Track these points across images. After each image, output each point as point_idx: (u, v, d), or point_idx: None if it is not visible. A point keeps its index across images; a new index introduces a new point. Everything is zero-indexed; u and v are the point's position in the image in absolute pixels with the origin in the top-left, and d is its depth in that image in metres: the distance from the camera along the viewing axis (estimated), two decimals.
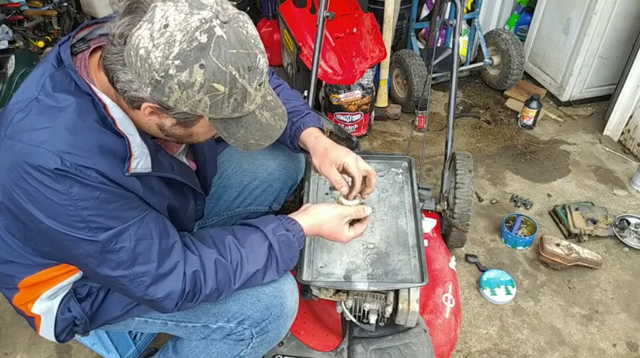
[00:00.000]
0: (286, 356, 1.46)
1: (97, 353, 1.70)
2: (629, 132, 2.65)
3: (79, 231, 0.92)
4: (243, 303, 1.18)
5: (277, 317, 1.20)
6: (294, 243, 1.16)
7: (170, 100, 0.86)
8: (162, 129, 0.98)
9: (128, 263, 0.97)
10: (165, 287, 1.01)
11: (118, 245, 0.95)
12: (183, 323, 1.24)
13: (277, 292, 1.19)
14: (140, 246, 0.97)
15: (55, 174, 0.87)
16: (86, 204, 0.90)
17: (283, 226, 1.16)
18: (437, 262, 1.78)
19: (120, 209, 0.95)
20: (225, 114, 0.91)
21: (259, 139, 1.00)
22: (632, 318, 1.89)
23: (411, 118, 2.85)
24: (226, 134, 0.96)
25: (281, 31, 2.92)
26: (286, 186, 1.60)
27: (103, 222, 0.93)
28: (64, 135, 0.88)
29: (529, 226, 2.18)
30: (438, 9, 2.78)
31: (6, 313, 1.84)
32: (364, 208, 1.26)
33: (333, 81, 2.42)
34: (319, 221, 1.21)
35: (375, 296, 1.42)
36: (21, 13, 3.26)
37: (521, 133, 2.80)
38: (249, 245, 1.11)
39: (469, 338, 1.81)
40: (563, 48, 2.81)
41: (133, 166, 0.95)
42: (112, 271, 0.98)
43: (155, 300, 1.02)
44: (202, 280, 1.05)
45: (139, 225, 0.97)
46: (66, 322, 1.17)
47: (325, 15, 1.91)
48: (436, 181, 2.43)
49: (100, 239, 0.93)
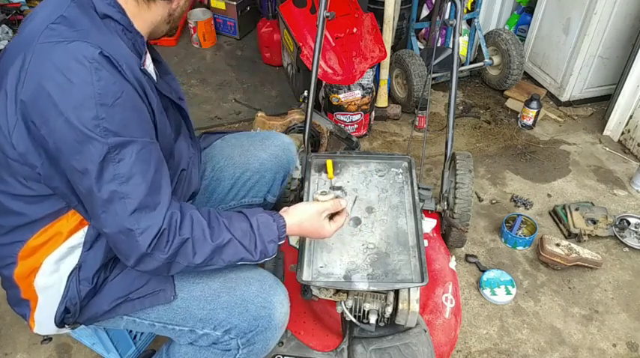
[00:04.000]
0: (286, 356, 1.46)
1: (97, 353, 1.70)
2: (629, 132, 2.65)
3: (91, 129, 0.95)
4: (230, 312, 1.18)
5: (265, 328, 1.19)
6: (274, 226, 1.17)
7: None
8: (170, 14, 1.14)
9: (123, 178, 0.99)
10: (147, 218, 1.02)
11: (120, 155, 0.98)
12: (171, 326, 1.23)
13: (266, 303, 1.19)
14: (138, 165, 1.00)
15: (91, 63, 0.94)
16: (108, 100, 0.95)
17: (264, 211, 1.20)
18: (437, 262, 1.78)
19: (132, 121, 1.00)
20: None
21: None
22: (632, 318, 1.89)
23: (411, 118, 2.85)
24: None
25: (281, 31, 2.92)
26: (279, 176, 1.61)
27: (114, 125, 0.96)
28: (98, 35, 0.98)
29: (529, 226, 2.18)
30: (438, 9, 2.78)
31: (6, 313, 1.84)
32: (340, 201, 1.31)
33: (333, 81, 2.42)
34: (299, 219, 1.23)
35: (375, 296, 1.42)
36: (21, 13, 3.26)
37: (521, 133, 2.80)
38: (229, 218, 1.14)
39: (469, 338, 1.81)
40: (563, 48, 2.81)
41: (147, 64, 1.10)
42: (107, 184, 0.98)
43: (133, 231, 1.01)
44: (178, 224, 1.05)
45: (142, 146, 1.01)
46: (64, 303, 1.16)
47: (325, 15, 1.91)
48: (436, 181, 2.43)
49: (108, 141, 0.96)
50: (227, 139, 1.59)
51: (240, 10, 3.45)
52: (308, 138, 1.96)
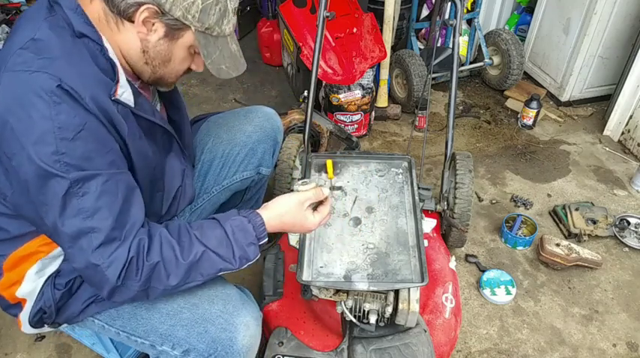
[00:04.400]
0: (286, 356, 1.46)
1: (96, 353, 1.70)
2: (629, 132, 2.65)
3: (51, 165, 0.92)
4: (189, 331, 1.12)
5: (225, 353, 1.11)
6: (249, 227, 1.10)
7: (168, 2, 0.96)
8: (145, 51, 1.04)
9: (88, 212, 0.96)
10: (113, 252, 0.98)
11: (83, 189, 0.95)
12: (133, 338, 1.20)
13: (227, 325, 1.12)
14: (103, 198, 0.97)
15: (49, 96, 0.91)
16: (67, 135, 0.92)
17: (238, 213, 1.14)
18: (437, 262, 1.78)
19: (96, 153, 0.96)
20: (209, 25, 1.02)
21: (229, 67, 1.10)
22: (632, 318, 1.89)
23: (411, 118, 2.85)
24: (205, 52, 1.05)
25: (281, 31, 2.92)
26: (268, 146, 1.60)
27: (76, 159, 0.94)
28: (62, 64, 0.94)
29: (529, 226, 2.18)
30: (438, 9, 2.78)
31: (6, 313, 1.84)
32: (322, 189, 1.23)
33: (333, 81, 2.42)
34: (278, 213, 1.16)
35: (375, 296, 1.42)
36: (21, 13, 3.26)
37: (521, 133, 2.80)
38: (200, 228, 1.09)
39: (469, 338, 1.81)
40: (563, 48, 2.81)
41: (119, 92, 1.01)
42: (70, 218, 0.96)
43: (100, 266, 0.98)
44: (145, 249, 1.01)
45: (108, 178, 0.98)
46: (38, 305, 1.17)
47: (325, 15, 1.91)
48: (436, 181, 2.43)
49: (69, 176, 0.93)
50: (213, 120, 1.59)
51: (240, 10, 3.45)
52: (308, 138, 1.96)
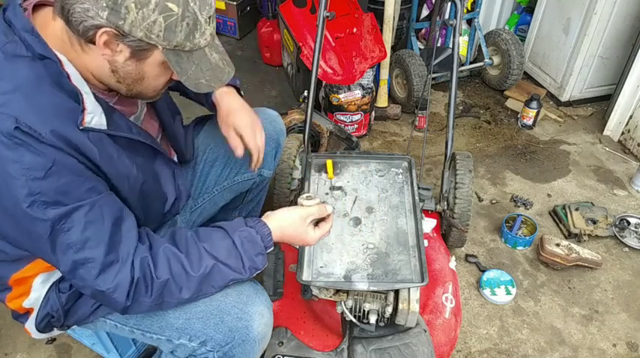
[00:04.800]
0: (286, 356, 1.46)
1: (97, 353, 1.70)
2: (629, 132, 2.65)
3: (29, 206, 0.89)
4: (206, 323, 1.13)
5: (242, 341, 1.13)
6: (257, 238, 1.11)
7: (126, 23, 0.88)
8: (114, 71, 0.97)
9: (78, 245, 0.95)
10: (115, 276, 0.98)
11: (67, 224, 0.93)
12: (149, 334, 1.21)
13: (243, 314, 1.13)
14: (90, 228, 0.95)
15: (10, 139, 0.86)
16: (38, 174, 0.88)
17: (245, 223, 1.14)
18: (437, 262, 1.78)
19: (71, 185, 0.93)
20: (177, 42, 0.93)
21: (210, 80, 1.01)
22: (632, 318, 1.89)
23: (411, 118, 2.85)
24: (179, 69, 0.97)
25: (281, 31, 2.92)
26: (270, 148, 1.58)
27: (53, 196, 0.90)
28: (19, 99, 0.88)
29: (529, 226, 2.18)
30: (438, 9, 2.78)
31: (6, 313, 1.84)
32: (326, 206, 1.24)
33: (333, 81, 2.42)
34: (281, 225, 1.17)
35: (375, 296, 1.42)
36: None
37: (521, 133, 2.80)
38: (209, 239, 1.09)
39: (469, 338, 1.81)
40: (563, 48, 2.81)
41: (87, 120, 0.95)
42: (63, 254, 0.95)
43: (105, 291, 0.99)
44: (151, 267, 1.01)
45: (90, 207, 0.95)
46: (44, 311, 1.17)
47: (325, 15, 1.91)
48: (436, 181, 2.43)
49: (48, 217, 0.91)
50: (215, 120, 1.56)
51: (240, 10, 3.45)
52: (308, 138, 1.96)
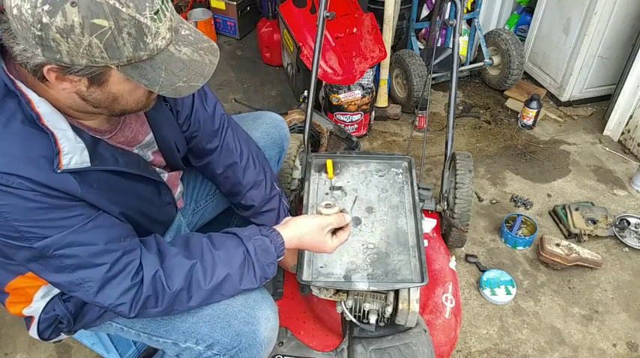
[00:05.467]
0: (286, 356, 1.46)
1: (97, 353, 1.70)
2: (629, 132, 2.65)
3: (13, 240, 0.88)
4: (213, 326, 1.13)
5: (249, 345, 1.13)
6: (271, 248, 1.13)
7: (63, 55, 0.79)
8: (85, 99, 0.90)
9: (72, 268, 0.93)
10: (114, 292, 0.97)
11: (58, 251, 0.91)
12: (155, 337, 1.21)
13: (250, 318, 1.14)
14: (84, 252, 0.93)
15: None
16: (16, 216, 0.85)
17: (260, 232, 1.14)
18: (437, 262, 1.78)
19: (57, 219, 0.90)
20: (128, 56, 0.81)
21: (189, 80, 0.88)
22: (632, 318, 1.89)
23: (411, 118, 2.85)
24: (146, 82, 0.85)
25: (281, 31, 2.92)
26: (274, 153, 1.58)
27: (38, 232, 0.88)
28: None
29: (529, 226, 2.18)
30: (438, 9, 2.78)
31: (6, 313, 1.83)
32: (344, 216, 1.26)
33: (333, 81, 2.42)
34: (299, 233, 1.19)
35: (375, 296, 1.42)
36: None
37: (521, 133, 2.80)
38: (224, 248, 1.09)
39: (469, 338, 1.81)
40: (563, 48, 2.81)
41: (65, 163, 0.88)
42: (56, 275, 0.94)
43: (107, 307, 0.98)
44: (164, 280, 1.01)
45: (80, 232, 0.92)
46: (49, 321, 1.17)
47: (325, 15, 1.91)
48: (436, 181, 2.43)
49: (35, 246, 0.89)
50: None
51: (240, 10, 3.45)
52: (308, 138, 1.96)
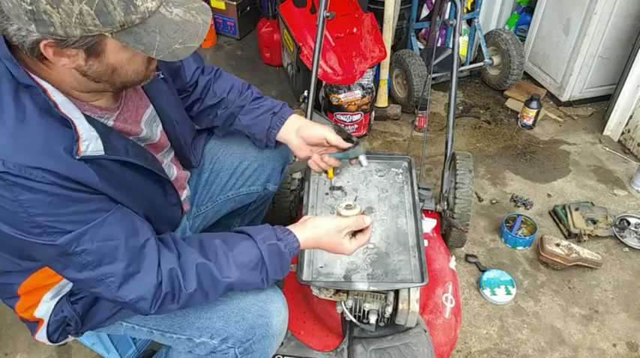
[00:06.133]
0: (286, 356, 1.46)
1: (97, 353, 1.70)
2: (629, 132, 2.65)
3: (35, 236, 0.89)
4: (227, 321, 1.15)
5: (262, 337, 1.16)
6: (285, 253, 1.12)
7: (57, 27, 0.79)
8: (85, 75, 0.90)
9: (94, 264, 0.94)
10: (137, 287, 0.98)
11: (80, 247, 0.92)
12: (169, 334, 1.22)
13: (263, 312, 1.16)
14: (105, 247, 0.94)
15: (2, 181, 0.83)
16: (39, 211, 0.86)
17: (276, 235, 1.14)
18: (437, 262, 1.78)
19: (77, 212, 0.90)
20: (120, 21, 0.81)
21: (184, 41, 0.88)
22: (632, 318, 1.89)
23: (411, 118, 2.85)
24: (142, 47, 0.85)
25: (281, 31, 2.92)
26: (278, 163, 1.57)
27: (60, 226, 0.89)
28: (6, 138, 0.85)
29: (529, 226, 2.18)
30: (438, 9, 2.78)
31: (6, 313, 1.84)
32: (364, 218, 1.22)
33: (333, 81, 2.42)
34: (316, 234, 1.18)
35: (375, 296, 1.42)
36: None
37: (521, 133, 2.80)
38: (238, 250, 1.09)
39: (469, 338, 1.81)
40: (563, 48, 2.81)
41: (83, 149, 0.90)
42: (79, 273, 0.95)
43: (128, 302, 0.99)
44: (181, 279, 1.02)
45: (101, 226, 0.93)
46: (57, 323, 1.17)
47: (325, 15, 1.91)
48: (436, 181, 2.43)
49: (58, 243, 0.89)
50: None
51: (240, 10, 3.45)
52: None
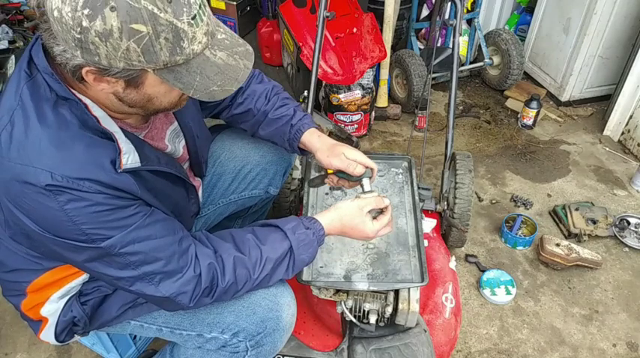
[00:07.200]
0: (286, 356, 1.46)
1: (97, 353, 1.70)
2: (629, 132, 2.65)
3: (80, 242, 0.92)
4: (238, 315, 1.17)
5: (273, 330, 1.18)
6: (314, 241, 1.15)
7: (101, 58, 0.81)
8: (121, 100, 0.92)
9: (136, 263, 0.97)
10: (177, 283, 1.01)
11: (123, 249, 0.95)
12: (178, 331, 1.23)
13: (273, 305, 1.18)
14: (146, 246, 0.97)
15: (47, 191, 0.86)
16: (84, 219, 0.90)
17: (303, 224, 1.15)
18: (437, 262, 1.78)
19: (119, 219, 0.94)
20: (164, 60, 0.83)
21: (223, 84, 0.91)
22: (632, 318, 1.89)
23: (411, 118, 2.85)
24: (181, 85, 0.88)
25: (281, 31, 2.92)
26: (280, 168, 1.58)
27: (103, 233, 0.92)
28: (51, 150, 0.87)
29: (529, 226, 2.18)
30: (438, 9, 2.78)
31: (6, 313, 1.84)
32: (383, 199, 1.23)
33: (333, 81, 2.42)
34: (339, 215, 1.19)
35: (375, 296, 1.42)
36: (21, 13, 3.26)
37: (521, 133, 2.80)
38: (269, 243, 1.11)
39: (469, 338, 1.81)
40: (563, 48, 2.81)
41: (124, 162, 0.94)
42: (120, 272, 0.98)
43: (169, 297, 1.02)
44: (219, 273, 1.05)
45: (141, 228, 0.97)
46: (66, 323, 1.18)
47: (325, 15, 1.91)
48: (436, 181, 2.43)
49: (102, 246, 0.93)
50: (227, 132, 1.56)
51: (240, 10, 3.45)
52: None
